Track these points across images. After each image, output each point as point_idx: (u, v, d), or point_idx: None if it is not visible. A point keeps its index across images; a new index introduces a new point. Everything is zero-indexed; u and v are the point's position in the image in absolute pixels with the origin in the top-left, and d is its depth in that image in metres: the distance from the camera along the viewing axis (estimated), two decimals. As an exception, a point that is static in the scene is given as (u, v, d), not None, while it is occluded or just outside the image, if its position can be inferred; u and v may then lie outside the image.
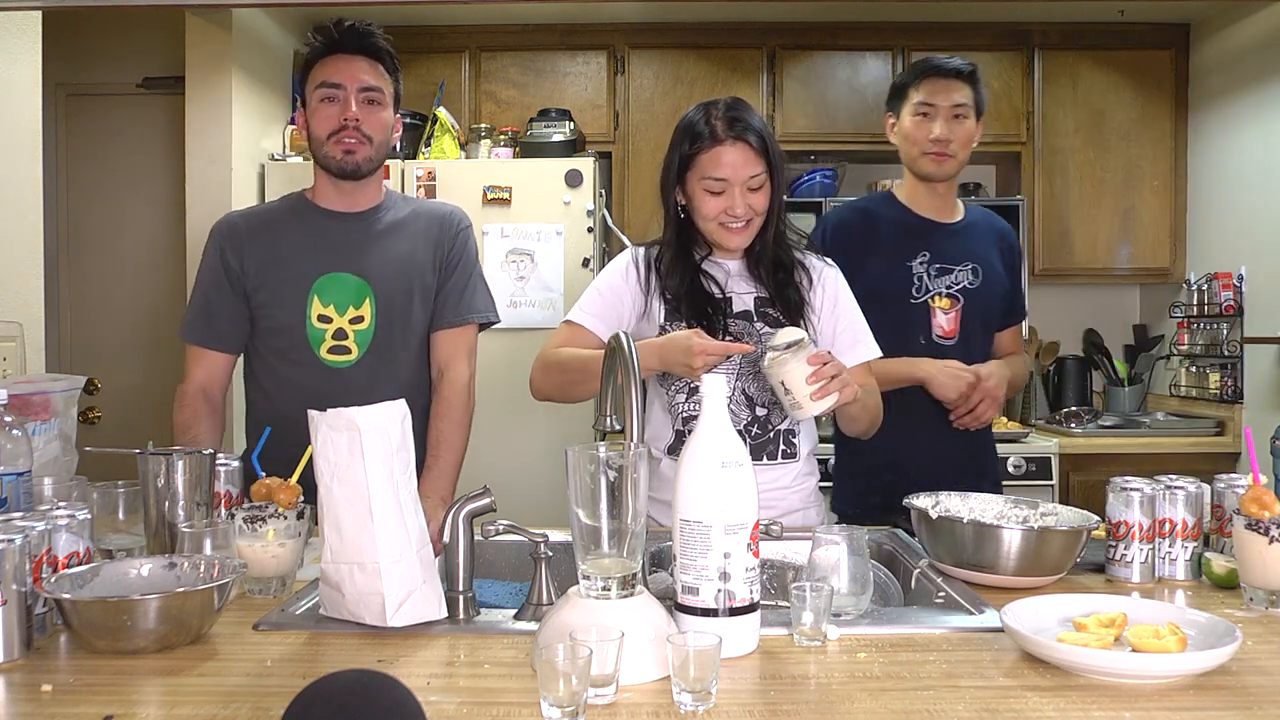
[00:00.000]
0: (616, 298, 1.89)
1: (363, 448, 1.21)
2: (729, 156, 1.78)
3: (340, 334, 1.92)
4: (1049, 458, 3.48)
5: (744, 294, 1.89)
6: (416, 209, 2.04)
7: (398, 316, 1.95)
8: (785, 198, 1.88)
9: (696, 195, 1.82)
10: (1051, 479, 3.47)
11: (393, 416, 1.24)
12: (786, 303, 1.87)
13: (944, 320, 2.20)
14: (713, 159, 1.79)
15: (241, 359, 2.02)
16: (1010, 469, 3.40)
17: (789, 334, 1.67)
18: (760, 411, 1.85)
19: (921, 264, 2.20)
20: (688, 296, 1.86)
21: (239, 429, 2.02)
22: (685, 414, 1.84)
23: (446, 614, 1.25)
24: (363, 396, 1.78)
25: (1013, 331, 2.37)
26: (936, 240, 2.22)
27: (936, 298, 2.19)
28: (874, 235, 2.22)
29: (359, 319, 1.93)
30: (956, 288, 2.20)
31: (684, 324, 1.83)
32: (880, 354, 1.95)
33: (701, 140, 1.80)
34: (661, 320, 1.86)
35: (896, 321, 2.11)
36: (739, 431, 1.83)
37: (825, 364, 1.62)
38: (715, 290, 1.87)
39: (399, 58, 2.12)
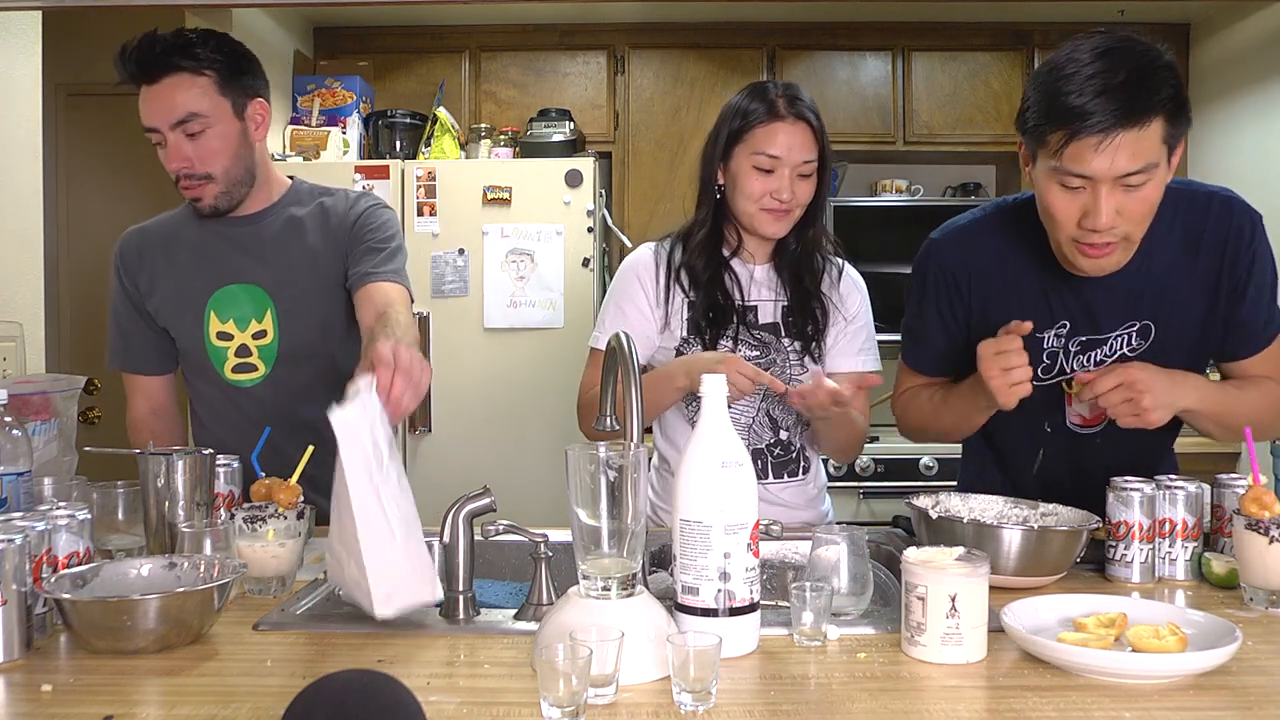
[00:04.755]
0: (640, 315, 1.80)
1: (337, 448, 1.20)
2: (786, 135, 1.70)
3: (243, 351, 1.79)
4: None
5: (767, 302, 1.81)
6: (321, 201, 1.84)
7: (303, 323, 1.79)
8: None
9: (742, 173, 1.73)
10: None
11: (364, 412, 1.22)
12: (811, 318, 1.80)
13: (1084, 408, 1.59)
14: (768, 134, 1.70)
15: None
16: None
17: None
18: (784, 434, 1.82)
19: (1058, 338, 1.56)
20: (708, 290, 1.77)
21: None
22: None
23: (441, 596, 1.24)
24: (277, 414, 1.72)
25: (1261, 360, 1.57)
26: (1086, 299, 1.54)
27: (1075, 382, 1.54)
28: (996, 281, 1.60)
29: (261, 334, 1.78)
30: (1111, 361, 1.55)
31: (702, 340, 1.77)
32: (879, 369, 1.84)
33: (757, 115, 1.71)
34: (683, 333, 1.79)
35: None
36: (762, 450, 1.81)
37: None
38: (736, 295, 1.79)
39: (398, 56, 2.02)
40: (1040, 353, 1.56)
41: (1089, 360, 1.57)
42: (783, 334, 1.81)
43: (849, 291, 1.86)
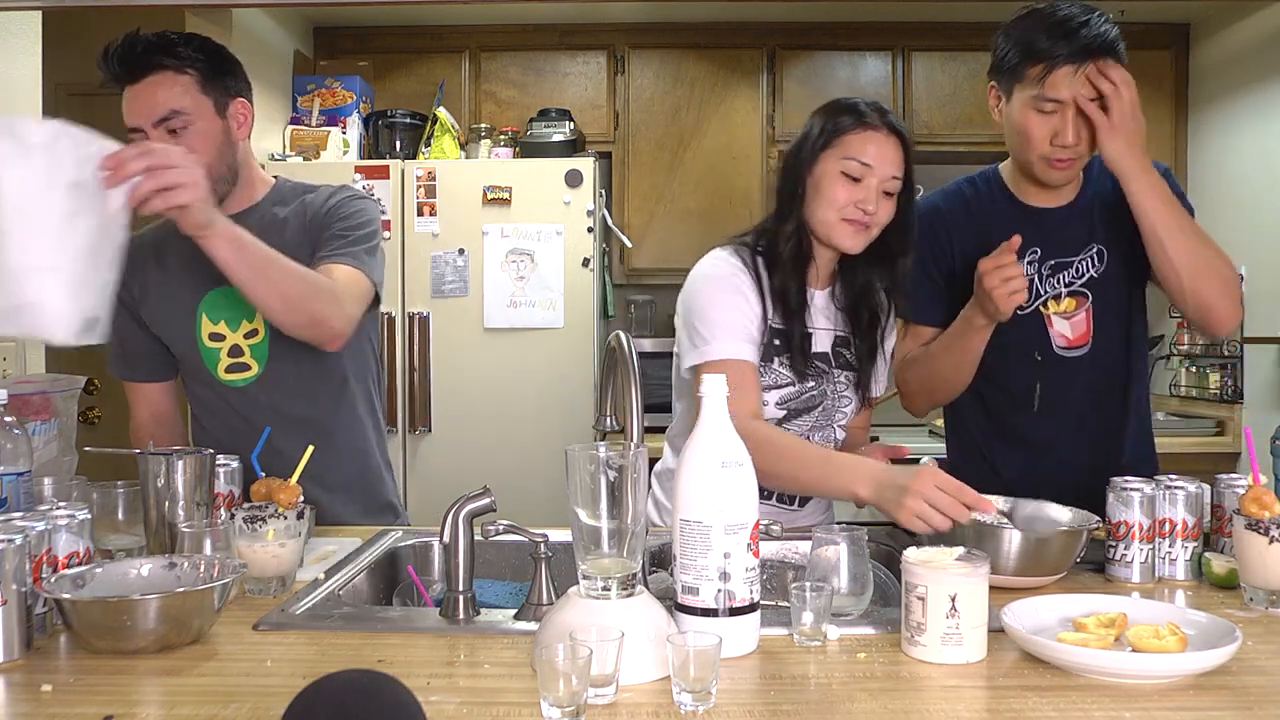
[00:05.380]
0: (754, 313, 1.67)
1: None
2: (878, 145, 1.64)
3: (236, 351, 1.79)
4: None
5: (823, 331, 1.75)
6: (303, 198, 1.83)
7: None
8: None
9: (827, 180, 1.65)
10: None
11: (60, 138, 1.29)
12: (866, 356, 1.77)
13: (1066, 327, 1.79)
14: (861, 141, 1.64)
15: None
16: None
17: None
18: None
19: (1031, 264, 1.77)
20: (798, 317, 1.68)
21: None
22: None
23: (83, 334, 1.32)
24: (276, 413, 1.77)
25: None
26: (1049, 228, 1.79)
27: (1052, 302, 1.79)
28: (971, 233, 1.81)
29: (253, 333, 1.79)
30: (1080, 282, 1.78)
31: (784, 360, 1.69)
32: (880, 393, 1.86)
33: (849, 123, 1.66)
34: (759, 360, 1.68)
35: (1001, 338, 1.70)
36: None
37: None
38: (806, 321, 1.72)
39: (398, 56, 2.00)
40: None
41: (1059, 281, 1.79)
42: (832, 364, 1.75)
43: (892, 328, 1.84)
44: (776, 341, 1.70)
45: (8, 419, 1.39)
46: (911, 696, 1.01)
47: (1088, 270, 1.79)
